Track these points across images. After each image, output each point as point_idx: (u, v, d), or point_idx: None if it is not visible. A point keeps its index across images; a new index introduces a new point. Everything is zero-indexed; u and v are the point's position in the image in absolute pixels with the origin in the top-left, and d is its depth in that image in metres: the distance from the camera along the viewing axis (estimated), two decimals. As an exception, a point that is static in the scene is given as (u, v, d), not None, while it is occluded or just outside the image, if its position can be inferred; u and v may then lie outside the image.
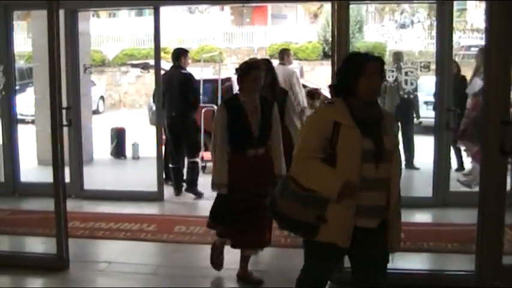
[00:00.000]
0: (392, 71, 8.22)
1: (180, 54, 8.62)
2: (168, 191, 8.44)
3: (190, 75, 8.57)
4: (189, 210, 7.88)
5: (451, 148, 8.40)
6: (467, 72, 9.79)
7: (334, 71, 5.06)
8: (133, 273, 5.48)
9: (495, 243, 4.91)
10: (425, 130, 10.39)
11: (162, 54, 8.99)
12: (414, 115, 10.21)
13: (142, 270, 5.54)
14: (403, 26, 28.25)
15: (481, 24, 21.76)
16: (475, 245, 5.07)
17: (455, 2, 9.65)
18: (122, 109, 23.81)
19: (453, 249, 6.03)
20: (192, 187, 8.45)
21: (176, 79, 8.38)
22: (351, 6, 5.23)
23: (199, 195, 8.36)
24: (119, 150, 11.79)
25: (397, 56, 10.28)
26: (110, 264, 5.67)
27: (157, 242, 6.42)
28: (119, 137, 11.86)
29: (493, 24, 4.85)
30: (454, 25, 7.96)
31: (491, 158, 4.85)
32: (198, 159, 8.78)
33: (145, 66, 8.78)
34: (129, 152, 11.79)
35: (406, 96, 7.63)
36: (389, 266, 3.73)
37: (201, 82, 12.07)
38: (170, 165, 8.56)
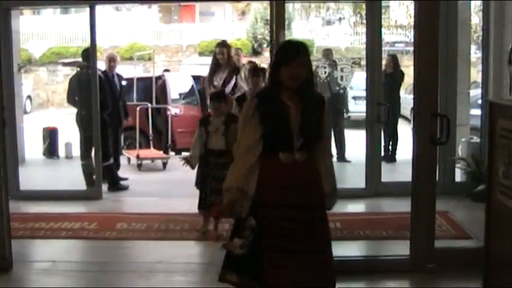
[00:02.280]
0: (325, 67, 8.53)
1: (89, 54, 8.44)
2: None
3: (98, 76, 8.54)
4: (128, 207, 7.95)
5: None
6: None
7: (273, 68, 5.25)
8: (80, 271, 5.50)
9: (428, 228, 5.22)
10: (354, 124, 10.77)
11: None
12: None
13: (89, 268, 5.57)
14: (328, 22, 28.78)
15: (404, 21, 22.52)
16: (408, 231, 5.38)
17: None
18: (50, 108, 23.36)
19: (388, 236, 6.32)
20: (115, 185, 8.68)
21: (85, 79, 8.37)
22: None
23: (124, 187, 8.75)
24: (51, 150, 11.66)
25: (327, 53, 10.59)
26: (55, 263, 5.64)
27: (100, 239, 6.42)
28: (51, 136, 11.73)
29: (421, 21, 5.16)
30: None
31: (422, 148, 5.14)
32: (111, 161, 8.79)
33: (81, 65, 8.69)
34: (61, 151, 11.68)
35: (339, 91, 7.93)
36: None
37: (135, 80, 12.12)
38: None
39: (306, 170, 3.58)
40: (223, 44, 8.38)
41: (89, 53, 8.32)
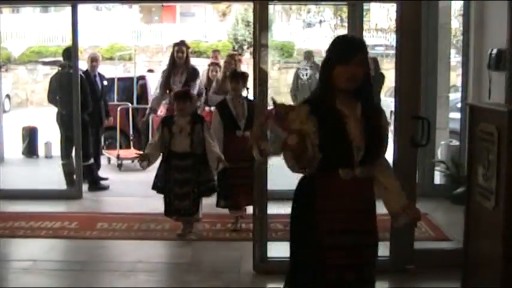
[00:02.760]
0: (306, 69, 8.56)
1: (70, 54, 8.33)
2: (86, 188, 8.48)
3: (79, 76, 8.51)
4: (109, 207, 7.94)
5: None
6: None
7: (256, 70, 5.28)
8: (61, 271, 5.48)
9: (407, 230, 5.26)
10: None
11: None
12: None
13: (70, 267, 5.54)
14: (309, 25, 28.89)
15: (385, 24, 22.68)
16: (388, 232, 5.41)
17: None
18: (30, 107, 23.20)
19: (368, 237, 6.35)
20: (96, 185, 8.67)
21: (66, 79, 8.33)
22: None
23: (104, 187, 8.74)
24: (31, 149, 11.59)
25: (309, 55, 10.66)
26: (35, 262, 5.62)
27: (80, 239, 6.41)
28: (30, 136, 11.65)
29: (403, 24, 5.20)
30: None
31: (403, 150, 5.19)
32: (92, 161, 8.76)
33: (62, 65, 8.64)
34: (41, 151, 11.61)
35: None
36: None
37: (116, 80, 12.08)
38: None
39: (366, 188, 3.16)
40: (182, 43, 8.07)
41: (70, 53, 8.25)
